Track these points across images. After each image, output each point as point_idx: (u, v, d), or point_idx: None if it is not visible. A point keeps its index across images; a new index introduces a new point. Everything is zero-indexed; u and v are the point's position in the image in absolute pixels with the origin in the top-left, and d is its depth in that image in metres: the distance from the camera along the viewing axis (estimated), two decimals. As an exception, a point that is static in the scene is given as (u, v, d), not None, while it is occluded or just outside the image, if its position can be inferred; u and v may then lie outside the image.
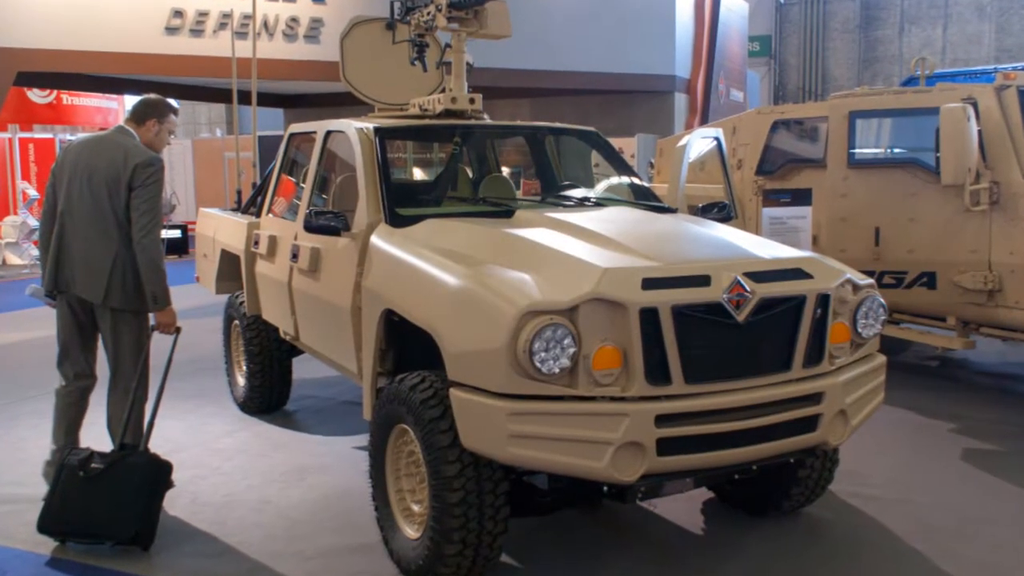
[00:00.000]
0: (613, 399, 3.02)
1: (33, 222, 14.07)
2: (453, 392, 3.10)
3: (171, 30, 12.46)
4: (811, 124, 6.97)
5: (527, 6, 12.31)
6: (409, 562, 3.43)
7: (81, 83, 15.07)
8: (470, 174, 5.48)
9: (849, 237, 6.25)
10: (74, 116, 19.69)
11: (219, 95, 15.78)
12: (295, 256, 4.66)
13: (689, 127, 15.92)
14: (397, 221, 4.03)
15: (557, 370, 2.95)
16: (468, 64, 4.86)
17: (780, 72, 26.69)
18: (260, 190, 5.91)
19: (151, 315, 4.23)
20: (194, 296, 9.30)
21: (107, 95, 19.35)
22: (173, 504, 4.25)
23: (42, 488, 4.08)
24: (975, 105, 5.71)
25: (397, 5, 4.96)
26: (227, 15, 12.40)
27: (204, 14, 12.63)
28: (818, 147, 6.80)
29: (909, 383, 6.60)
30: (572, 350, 2.95)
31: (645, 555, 3.78)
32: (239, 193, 7.30)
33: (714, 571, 3.65)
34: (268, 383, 5.71)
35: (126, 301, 4.12)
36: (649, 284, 3.06)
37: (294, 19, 13.05)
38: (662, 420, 3.01)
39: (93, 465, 3.81)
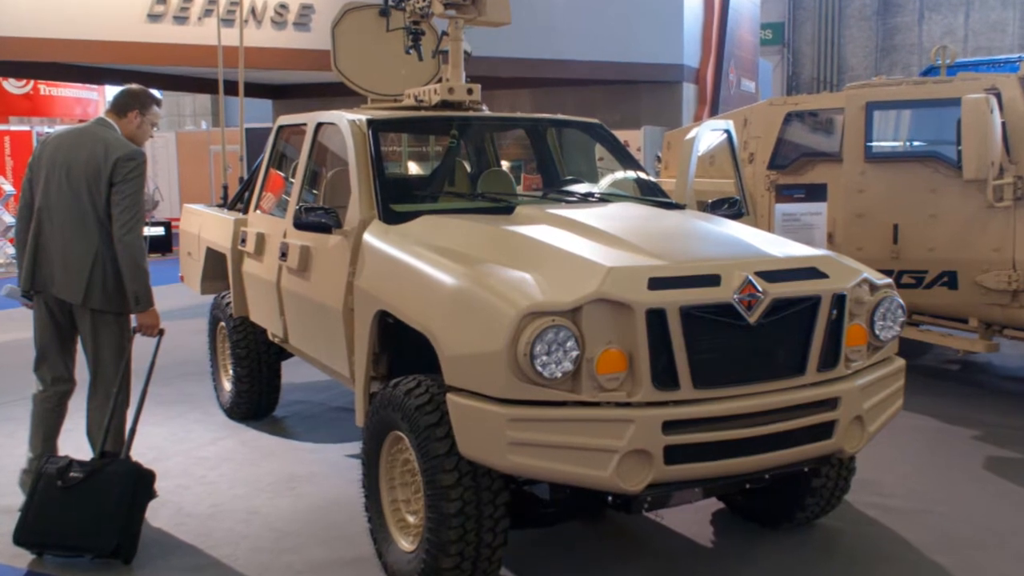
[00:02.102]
0: (618, 404, 2.96)
1: (9, 219, 13.92)
2: (450, 397, 3.05)
3: (154, 17, 12.32)
4: (826, 116, 6.91)
5: (527, -9, 12.17)
6: (404, 576, 3.38)
7: (59, 72, 14.92)
8: (468, 168, 5.49)
9: (866, 235, 6.18)
10: (52, 107, 19.57)
11: (204, 85, 15.69)
12: (284, 255, 4.62)
13: (698, 119, 15.80)
14: (391, 218, 3.99)
15: (559, 374, 2.89)
16: (466, 53, 4.84)
17: (794, 61, 26.49)
18: (247, 185, 5.86)
19: (133, 316, 4.17)
20: (178, 296, 9.32)
21: (87, 85, 19.22)
22: (156, 515, 4.20)
23: (18, 498, 4.01)
24: (998, 96, 5.63)
25: (391, -9, 4.90)
26: (213, 1, 12.25)
27: (189, 0, 12.48)
28: (833, 140, 6.73)
29: (929, 388, 6.53)
30: (575, 353, 2.90)
31: (651, 569, 3.72)
32: (225, 188, 7.27)
33: (725, 586, 3.62)
34: (256, 388, 5.64)
35: (107, 302, 4.06)
36: (656, 284, 3.01)
37: (283, 5, 12.90)
38: (669, 427, 2.95)
39: (72, 474, 3.75)
